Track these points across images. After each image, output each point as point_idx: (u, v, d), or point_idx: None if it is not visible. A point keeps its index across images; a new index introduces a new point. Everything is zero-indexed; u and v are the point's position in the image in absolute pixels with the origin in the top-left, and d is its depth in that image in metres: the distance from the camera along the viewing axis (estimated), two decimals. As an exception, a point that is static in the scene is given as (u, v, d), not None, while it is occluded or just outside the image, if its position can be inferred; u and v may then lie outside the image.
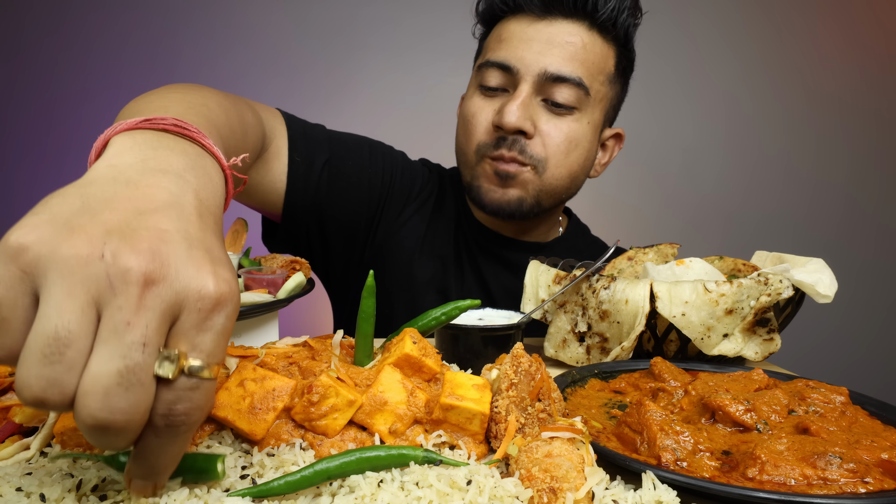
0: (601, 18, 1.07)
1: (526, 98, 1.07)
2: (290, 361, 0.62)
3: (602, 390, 0.77)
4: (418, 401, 0.58)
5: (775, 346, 0.87)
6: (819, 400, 0.67)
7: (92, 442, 0.34)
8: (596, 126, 1.14)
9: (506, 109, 1.05)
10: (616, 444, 0.60)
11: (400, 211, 1.27)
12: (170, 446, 0.38)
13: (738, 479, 0.52)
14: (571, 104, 1.08)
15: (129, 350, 0.33)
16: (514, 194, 1.12)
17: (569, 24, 1.07)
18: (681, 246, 1.18)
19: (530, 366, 0.59)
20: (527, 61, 1.06)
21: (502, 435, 0.55)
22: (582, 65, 1.07)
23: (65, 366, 0.32)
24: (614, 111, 1.22)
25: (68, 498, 0.46)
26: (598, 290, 0.91)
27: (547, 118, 1.09)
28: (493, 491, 0.46)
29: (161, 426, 0.36)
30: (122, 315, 0.33)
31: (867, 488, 0.50)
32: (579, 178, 1.17)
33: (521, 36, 1.08)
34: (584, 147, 1.13)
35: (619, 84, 1.18)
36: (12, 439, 0.55)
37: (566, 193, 1.18)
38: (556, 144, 1.09)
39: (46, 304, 0.33)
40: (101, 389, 0.33)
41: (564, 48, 1.06)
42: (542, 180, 1.11)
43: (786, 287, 0.83)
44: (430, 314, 0.71)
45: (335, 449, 0.54)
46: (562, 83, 1.06)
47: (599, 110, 1.14)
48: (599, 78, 1.10)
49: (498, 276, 1.27)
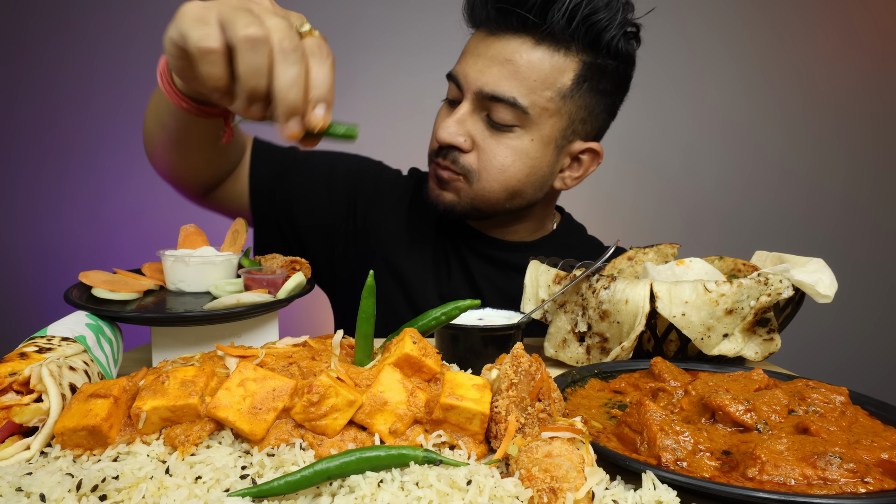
0: (549, 30, 1.04)
1: (464, 115, 1.10)
2: (290, 361, 0.62)
3: (602, 390, 0.77)
4: (418, 401, 0.58)
5: (775, 346, 0.87)
6: (819, 400, 0.67)
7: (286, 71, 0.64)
8: (546, 142, 1.12)
9: (441, 124, 1.11)
10: (616, 444, 0.60)
11: (375, 207, 1.32)
12: (329, 71, 0.67)
13: (738, 479, 0.52)
14: (509, 122, 1.08)
15: (282, 25, 0.64)
16: (447, 197, 1.18)
17: (514, 41, 1.06)
18: (681, 246, 1.18)
19: (530, 366, 0.59)
20: (469, 78, 1.09)
21: (502, 435, 0.55)
22: (521, 83, 1.06)
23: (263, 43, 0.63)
24: (586, 124, 1.16)
25: (68, 498, 0.46)
26: (598, 290, 0.91)
27: (487, 134, 1.11)
28: (493, 491, 0.46)
29: (318, 55, 0.67)
30: (267, 13, 0.65)
31: (867, 488, 0.50)
32: (524, 190, 1.16)
33: (472, 51, 1.11)
34: (525, 163, 1.12)
35: (586, 96, 1.12)
36: (12, 439, 0.55)
37: (510, 203, 1.18)
38: (490, 159, 1.11)
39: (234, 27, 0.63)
40: (278, 38, 0.64)
41: (504, 66, 1.06)
42: (473, 190, 1.14)
43: (786, 287, 0.83)
44: (430, 314, 0.71)
45: (335, 449, 0.54)
46: (497, 102, 1.07)
47: (550, 126, 1.11)
48: (546, 94, 1.07)
49: (486, 273, 1.30)
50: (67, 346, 0.68)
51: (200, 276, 0.93)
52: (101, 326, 0.77)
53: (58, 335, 0.70)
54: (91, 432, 0.53)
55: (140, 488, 0.47)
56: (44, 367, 0.58)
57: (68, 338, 0.70)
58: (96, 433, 0.53)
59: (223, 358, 0.63)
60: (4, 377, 0.57)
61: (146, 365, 0.79)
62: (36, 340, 0.68)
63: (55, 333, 0.70)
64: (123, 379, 0.59)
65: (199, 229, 1.01)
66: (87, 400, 0.55)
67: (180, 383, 0.56)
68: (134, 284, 0.91)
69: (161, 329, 0.84)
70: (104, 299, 0.86)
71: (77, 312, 0.79)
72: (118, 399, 0.56)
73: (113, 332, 0.80)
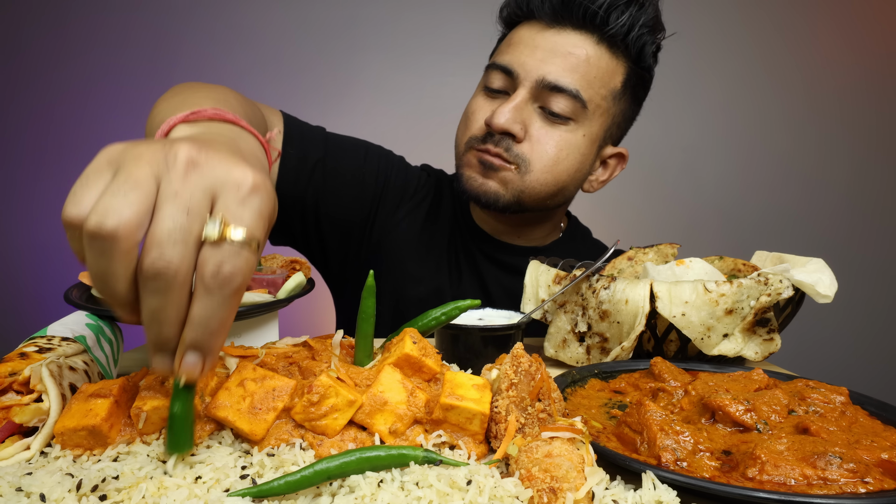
0: (610, 32, 1.07)
1: (521, 102, 1.09)
2: (290, 361, 0.62)
3: (602, 390, 0.77)
4: (418, 401, 0.58)
5: (775, 346, 0.87)
6: (819, 400, 0.67)
7: (148, 299, 0.44)
8: (593, 139, 1.15)
9: (498, 110, 1.08)
10: (616, 444, 0.60)
11: (394, 211, 1.29)
12: (220, 308, 0.45)
13: (738, 479, 0.52)
14: (566, 114, 1.09)
15: (176, 213, 0.43)
16: (492, 186, 1.13)
17: (576, 36, 1.08)
18: (681, 246, 1.18)
19: (530, 366, 0.59)
20: (527, 67, 1.08)
21: (502, 435, 0.55)
22: (583, 77, 1.08)
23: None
24: (619, 129, 1.21)
25: (68, 498, 0.46)
26: (598, 290, 0.91)
27: (540, 124, 1.10)
28: (493, 491, 0.46)
29: (212, 286, 0.44)
30: (171, 187, 0.44)
31: (867, 488, 0.50)
32: (568, 187, 1.18)
33: (528, 42, 1.10)
34: (576, 158, 1.14)
35: (626, 102, 1.17)
36: (12, 439, 0.55)
37: (551, 200, 1.18)
38: (545, 150, 1.11)
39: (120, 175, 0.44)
40: (155, 242, 0.42)
41: (566, 58, 1.07)
42: (523, 181, 1.12)
43: (786, 287, 0.83)
44: (430, 314, 0.71)
45: (335, 449, 0.54)
46: (558, 93, 1.07)
47: (599, 125, 1.14)
48: (601, 92, 1.10)
49: (497, 277, 1.29)
50: (67, 346, 0.68)
51: (200, 276, 0.93)
52: (101, 326, 0.77)
53: (58, 335, 0.70)
54: (91, 432, 0.53)
55: (140, 488, 0.47)
56: (44, 367, 0.58)
57: (68, 338, 0.70)
58: (96, 433, 0.53)
59: (223, 358, 0.63)
60: (4, 377, 0.57)
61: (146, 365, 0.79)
62: (36, 340, 0.68)
63: (55, 333, 0.70)
64: (123, 379, 0.59)
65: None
66: (87, 400, 0.55)
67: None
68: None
69: (161, 329, 0.84)
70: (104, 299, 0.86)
71: (77, 312, 0.79)
72: (118, 399, 0.56)
73: (113, 332, 0.80)
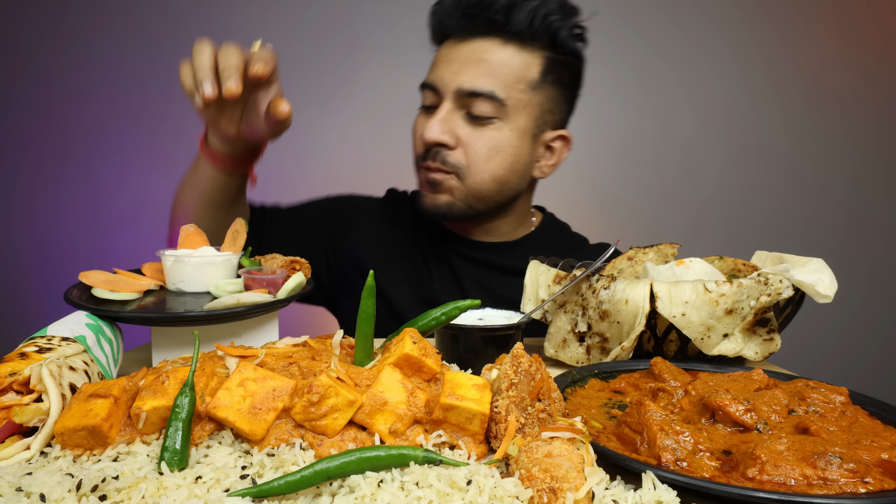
0: (515, 30, 1.16)
1: (446, 114, 1.19)
2: (290, 361, 0.62)
3: (602, 390, 0.77)
4: (418, 401, 0.58)
5: (775, 346, 0.87)
6: (819, 400, 0.67)
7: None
8: (523, 131, 1.22)
9: (427, 126, 1.19)
10: (616, 444, 0.60)
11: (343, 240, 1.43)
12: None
13: (738, 479, 0.52)
14: (489, 115, 1.18)
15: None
16: (443, 199, 1.24)
17: (485, 42, 1.18)
18: (681, 246, 1.18)
19: (530, 366, 0.59)
20: (446, 80, 1.19)
21: (502, 435, 0.55)
22: (496, 78, 1.16)
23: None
24: (554, 115, 1.27)
25: (68, 498, 0.46)
26: (598, 290, 0.91)
27: (468, 130, 1.19)
28: (493, 491, 0.46)
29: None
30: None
31: (867, 488, 0.50)
32: (509, 180, 1.25)
33: (445, 58, 1.21)
34: (508, 152, 1.21)
35: (551, 88, 1.23)
36: (12, 439, 0.55)
37: (500, 195, 1.26)
38: (476, 152, 1.19)
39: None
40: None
41: (478, 65, 1.16)
42: (466, 185, 1.21)
43: (786, 287, 0.83)
44: (430, 314, 0.71)
45: (335, 449, 0.54)
46: (477, 97, 1.16)
47: (525, 116, 1.21)
48: (518, 87, 1.18)
49: (472, 274, 1.35)
50: (67, 346, 0.68)
51: (200, 276, 0.93)
52: (101, 326, 0.77)
53: (58, 335, 0.70)
54: (91, 432, 0.53)
55: (140, 488, 0.47)
56: (44, 367, 0.58)
57: (68, 338, 0.70)
58: (96, 433, 0.53)
59: (223, 358, 0.63)
60: (4, 377, 0.57)
61: (146, 365, 0.79)
62: (36, 340, 0.68)
63: (55, 333, 0.70)
64: (123, 379, 0.59)
65: (199, 229, 1.01)
66: (87, 400, 0.55)
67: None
68: (134, 284, 0.91)
69: (161, 329, 0.84)
70: (104, 299, 0.86)
71: (77, 312, 0.79)
72: (118, 399, 0.56)
73: (113, 332, 0.80)
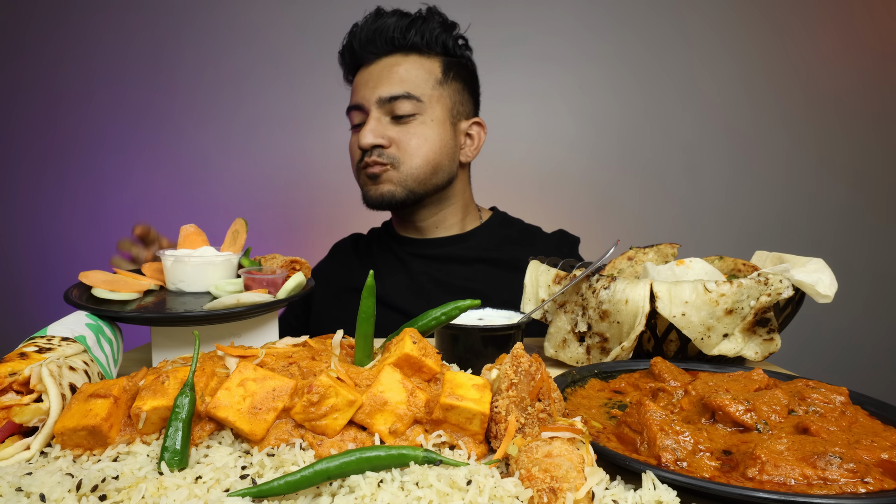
0: (411, 44, 1.39)
1: (374, 121, 1.37)
2: (290, 361, 0.62)
3: (602, 390, 0.77)
4: (418, 401, 0.58)
5: (775, 346, 0.87)
6: (819, 400, 0.67)
7: None
8: (442, 121, 1.41)
9: (361, 134, 1.37)
10: (616, 444, 0.60)
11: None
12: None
13: (738, 479, 0.52)
14: (409, 112, 1.37)
15: None
16: (384, 189, 1.40)
17: (389, 58, 1.40)
18: (681, 246, 1.18)
19: (530, 366, 0.59)
20: (367, 96, 1.39)
21: (502, 435, 0.55)
22: (408, 82, 1.37)
23: None
24: (465, 105, 1.48)
25: (68, 498, 0.46)
26: (598, 290, 0.91)
27: (396, 129, 1.38)
28: (493, 491, 0.46)
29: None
30: None
31: (867, 488, 0.50)
32: (442, 163, 1.42)
33: (361, 81, 1.42)
34: (434, 140, 1.39)
35: (455, 83, 1.44)
36: (12, 439, 0.55)
37: (436, 177, 1.42)
38: (408, 143, 1.38)
39: None
40: None
41: (390, 76, 1.38)
42: (402, 172, 1.38)
43: (786, 287, 0.83)
44: (430, 314, 0.71)
45: (335, 449, 0.54)
46: (396, 100, 1.36)
47: (440, 108, 1.41)
48: (428, 84, 1.39)
49: (427, 270, 1.46)
50: (67, 346, 0.68)
51: (200, 276, 0.93)
52: (101, 326, 0.77)
53: (58, 335, 0.70)
54: (91, 432, 0.53)
55: (140, 488, 0.47)
56: (44, 367, 0.58)
57: (68, 338, 0.70)
58: (96, 433, 0.53)
59: (223, 358, 0.63)
60: (4, 377, 0.57)
61: (146, 365, 0.79)
62: (36, 340, 0.68)
63: (55, 333, 0.70)
64: (123, 379, 0.59)
65: (199, 229, 1.01)
66: (87, 400, 0.55)
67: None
68: (134, 284, 0.91)
69: (161, 329, 0.84)
70: (104, 299, 0.86)
71: (77, 312, 0.79)
72: (118, 399, 0.56)
73: (113, 332, 0.80)
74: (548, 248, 1.51)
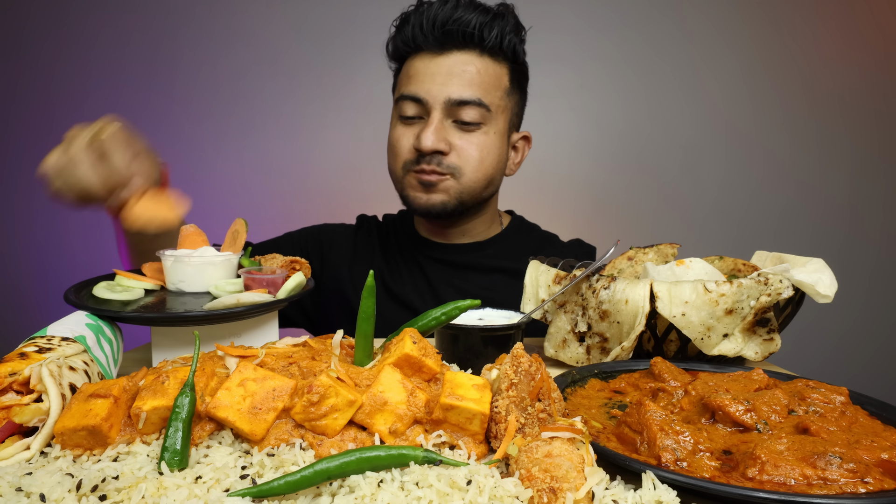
0: (488, 45, 1.27)
1: (438, 124, 1.26)
2: (290, 361, 0.62)
3: (602, 390, 0.77)
4: (418, 401, 0.58)
5: (775, 346, 0.87)
6: (819, 400, 0.67)
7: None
8: (502, 133, 1.34)
9: (422, 136, 1.26)
10: (616, 444, 0.60)
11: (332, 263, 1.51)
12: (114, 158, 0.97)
13: (738, 479, 0.52)
14: (477, 121, 1.28)
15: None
16: (437, 199, 1.31)
17: (463, 55, 1.27)
18: (681, 246, 1.18)
19: (530, 366, 0.59)
20: (433, 92, 1.26)
21: (502, 435, 0.55)
22: (479, 87, 1.27)
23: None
24: (517, 117, 1.42)
25: (68, 498, 0.46)
26: (598, 290, 0.91)
27: (459, 135, 1.29)
28: (493, 491, 0.46)
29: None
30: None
31: (867, 488, 0.50)
32: (495, 178, 1.37)
33: (425, 71, 1.28)
34: (495, 153, 1.33)
35: (516, 94, 1.37)
36: (12, 439, 0.55)
37: (486, 192, 1.37)
38: (469, 155, 1.29)
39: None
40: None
41: (462, 76, 1.26)
42: (461, 184, 1.31)
43: (786, 287, 0.83)
44: (430, 314, 0.71)
45: (335, 449, 0.54)
46: (465, 105, 1.26)
47: (503, 120, 1.34)
48: (497, 94, 1.30)
49: (445, 277, 1.43)
50: (67, 346, 0.68)
51: (200, 276, 0.93)
52: (101, 326, 0.77)
53: (58, 335, 0.70)
54: (91, 432, 0.53)
55: (140, 488, 0.47)
56: (44, 367, 0.58)
57: (68, 338, 0.70)
58: (96, 433, 0.53)
59: (223, 358, 0.63)
60: (4, 377, 0.57)
61: (146, 365, 0.79)
62: (36, 340, 0.68)
63: (55, 333, 0.70)
64: (123, 379, 0.59)
65: (199, 229, 1.01)
66: (87, 400, 0.55)
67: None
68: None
69: (161, 329, 0.84)
70: (104, 299, 0.86)
71: (77, 312, 0.79)
72: (118, 399, 0.56)
73: (113, 332, 0.80)
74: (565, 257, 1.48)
